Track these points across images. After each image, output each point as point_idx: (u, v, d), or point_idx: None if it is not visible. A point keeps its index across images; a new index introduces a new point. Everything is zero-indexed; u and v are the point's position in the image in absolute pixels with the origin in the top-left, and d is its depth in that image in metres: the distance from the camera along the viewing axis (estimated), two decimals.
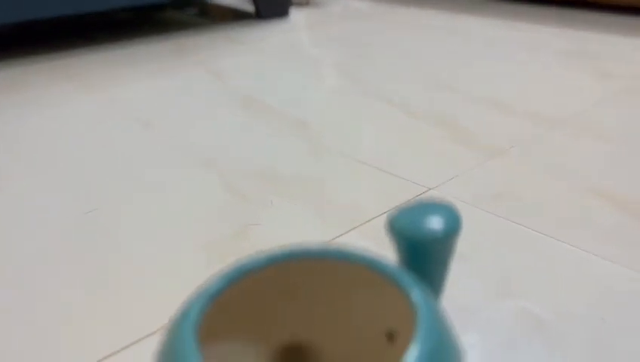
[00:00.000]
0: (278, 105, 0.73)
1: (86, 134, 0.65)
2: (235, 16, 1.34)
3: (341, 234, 0.44)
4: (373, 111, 0.70)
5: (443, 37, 1.06)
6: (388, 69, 0.87)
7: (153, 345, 0.33)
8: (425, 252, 0.22)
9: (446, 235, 0.22)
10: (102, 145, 0.62)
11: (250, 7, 1.43)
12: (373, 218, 0.46)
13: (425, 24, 1.18)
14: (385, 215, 0.46)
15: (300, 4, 1.42)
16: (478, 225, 0.44)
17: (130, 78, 0.86)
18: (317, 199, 0.49)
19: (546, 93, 0.74)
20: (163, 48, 1.05)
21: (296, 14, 1.33)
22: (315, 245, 0.23)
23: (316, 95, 0.76)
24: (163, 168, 0.56)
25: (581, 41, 1.00)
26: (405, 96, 0.74)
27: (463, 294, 0.36)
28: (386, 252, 0.41)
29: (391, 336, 0.23)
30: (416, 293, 0.20)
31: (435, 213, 0.23)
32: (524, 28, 1.11)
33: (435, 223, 0.22)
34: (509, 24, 1.15)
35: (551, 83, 0.78)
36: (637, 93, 0.72)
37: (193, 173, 0.55)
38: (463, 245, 0.42)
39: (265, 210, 0.48)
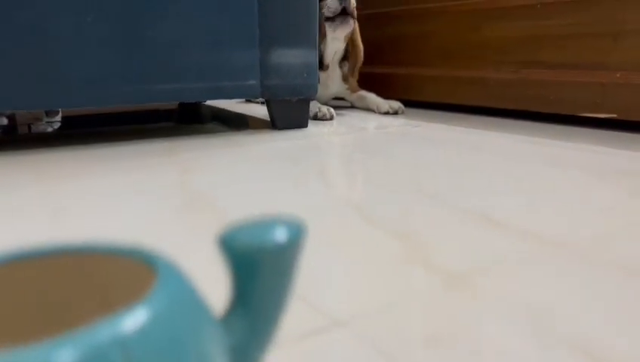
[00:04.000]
0: (228, 207, 0.62)
1: None
2: (264, 126, 1.29)
3: None
4: (332, 217, 0.57)
5: (462, 151, 0.94)
6: (380, 177, 0.75)
7: None
8: (255, 267, 0.20)
9: (277, 247, 0.20)
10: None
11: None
12: None
13: (448, 138, 1.06)
14: None
15: (324, 119, 1.37)
16: None
17: (93, 172, 0.80)
18: None
19: (559, 210, 0.58)
20: (155, 147, 1.00)
21: (317, 126, 1.27)
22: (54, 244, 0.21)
23: (279, 198, 0.65)
24: None
25: (618, 158, 0.84)
26: (378, 204, 0.61)
27: None
28: None
29: None
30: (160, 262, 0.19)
31: (274, 226, 0.21)
32: (554, 144, 0.96)
33: (270, 235, 0.20)
34: (535, 140, 1.01)
35: (569, 200, 0.62)
36: None
37: None
38: None
39: None
